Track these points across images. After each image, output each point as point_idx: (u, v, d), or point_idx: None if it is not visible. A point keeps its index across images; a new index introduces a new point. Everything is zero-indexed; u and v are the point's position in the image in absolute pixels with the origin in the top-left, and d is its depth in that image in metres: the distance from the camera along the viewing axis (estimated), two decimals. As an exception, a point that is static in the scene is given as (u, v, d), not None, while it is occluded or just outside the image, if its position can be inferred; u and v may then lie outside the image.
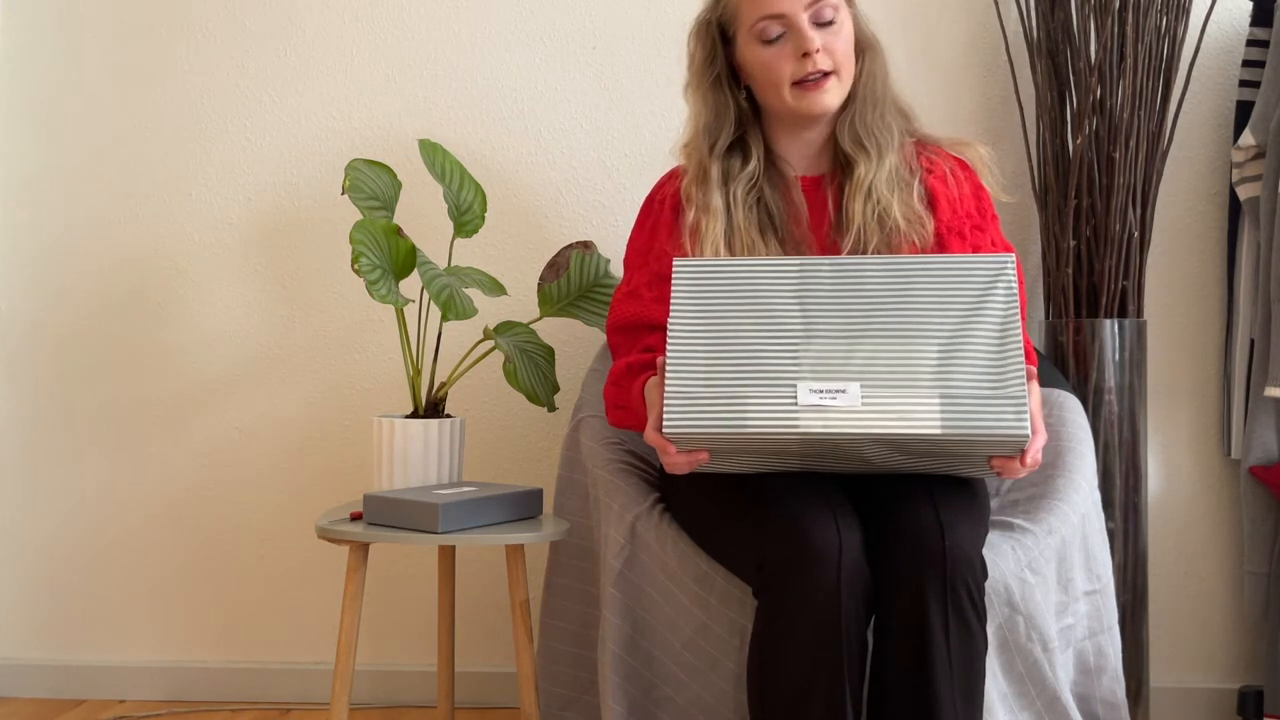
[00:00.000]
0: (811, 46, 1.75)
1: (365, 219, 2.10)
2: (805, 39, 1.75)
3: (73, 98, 2.56)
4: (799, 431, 1.44)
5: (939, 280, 1.52)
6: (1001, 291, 1.51)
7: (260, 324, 2.54)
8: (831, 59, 1.78)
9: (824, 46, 1.77)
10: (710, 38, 1.85)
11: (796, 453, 1.51)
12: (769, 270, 1.56)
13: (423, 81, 2.52)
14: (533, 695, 1.93)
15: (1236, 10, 2.37)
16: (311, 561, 2.52)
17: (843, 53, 1.79)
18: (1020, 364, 1.46)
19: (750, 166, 1.83)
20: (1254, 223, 2.30)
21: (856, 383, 1.46)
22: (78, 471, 2.56)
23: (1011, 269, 1.52)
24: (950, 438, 1.43)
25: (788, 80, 1.78)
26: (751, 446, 1.49)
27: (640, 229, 1.92)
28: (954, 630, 1.50)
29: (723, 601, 1.70)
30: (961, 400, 1.44)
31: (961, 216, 1.83)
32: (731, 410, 1.46)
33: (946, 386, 1.45)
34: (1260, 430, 2.26)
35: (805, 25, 1.76)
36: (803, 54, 1.76)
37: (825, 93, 1.78)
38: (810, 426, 1.44)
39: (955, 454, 1.49)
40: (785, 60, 1.78)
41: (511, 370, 2.12)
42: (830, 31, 1.78)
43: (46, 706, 2.49)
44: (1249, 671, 2.41)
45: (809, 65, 1.76)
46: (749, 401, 1.46)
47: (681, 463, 1.53)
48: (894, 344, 1.49)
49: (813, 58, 1.76)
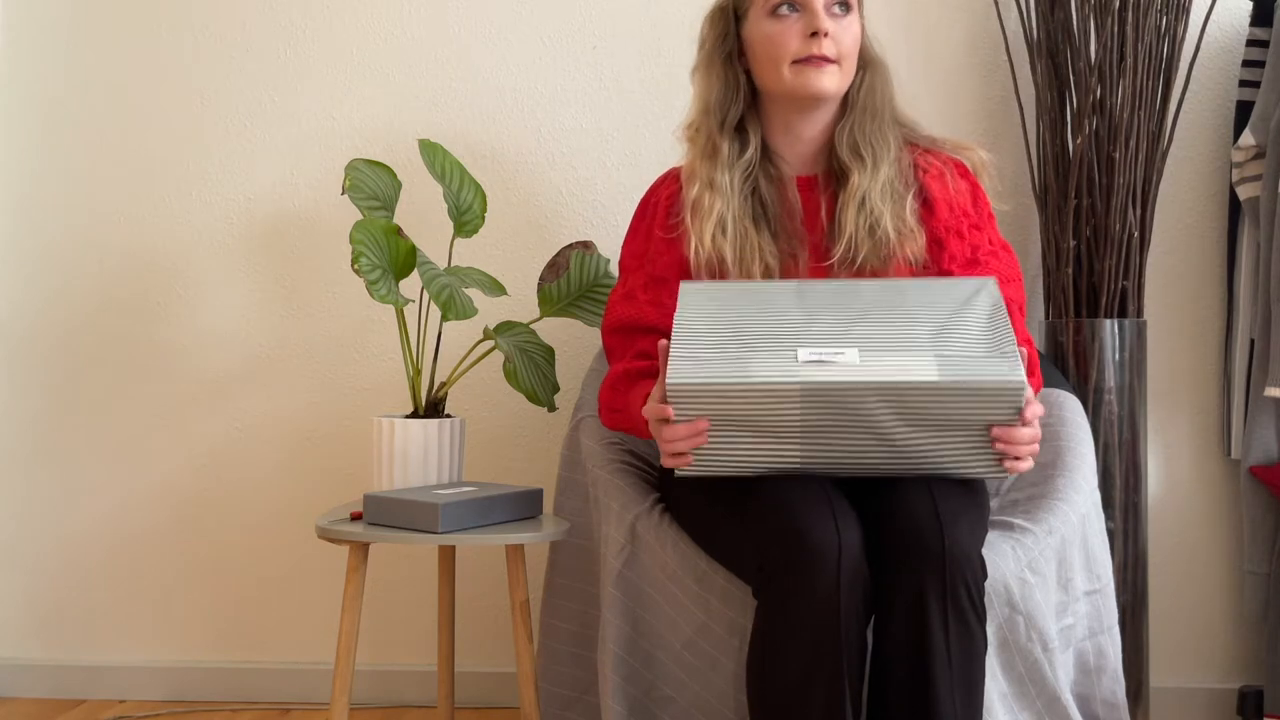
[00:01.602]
0: (822, 27, 1.76)
1: (365, 219, 2.10)
2: (817, 18, 1.77)
3: (73, 98, 2.56)
4: (800, 381, 1.50)
5: (928, 290, 1.65)
6: (986, 296, 1.63)
7: (260, 324, 2.54)
8: (837, 48, 1.78)
9: (833, 34, 1.77)
10: (725, 19, 1.86)
11: (798, 426, 1.52)
12: (770, 288, 1.68)
13: (423, 81, 2.52)
14: (533, 695, 1.93)
15: (1236, 10, 2.37)
16: (311, 561, 2.52)
17: (848, 47, 1.80)
18: (1011, 335, 1.55)
19: (748, 154, 1.84)
20: (1254, 223, 2.30)
21: (855, 349, 1.55)
22: (77, 471, 2.56)
23: (993, 285, 1.64)
24: (947, 384, 1.48)
25: (790, 57, 1.78)
26: (752, 410, 1.51)
27: (635, 232, 1.93)
28: (954, 629, 1.50)
29: (723, 601, 1.70)
30: (956, 358, 1.52)
31: (959, 215, 1.83)
32: (734, 365, 1.53)
33: (941, 350, 1.54)
34: (1260, 430, 2.26)
35: (820, 7, 1.77)
36: (811, 33, 1.77)
37: (824, 74, 1.78)
38: (811, 376, 1.50)
39: (955, 421, 1.51)
40: (792, 36, 1.78)
41: (511, 370, 2.12)
42: (841, 23, 1.79)
43: (46, 706, 2.49)
44: (1249, 671, 2.41)
45: (815, 46, 1.77)
46: (751, 360, 1.54)
47: (681, 435, 1.53)
48: (889, 325, 1.59)
49: (820, 40, 1.77)
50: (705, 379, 1.52)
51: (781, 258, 1.80)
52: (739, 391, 1.51)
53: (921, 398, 1.50)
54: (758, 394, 1.51)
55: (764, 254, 1.79)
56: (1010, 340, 1.55)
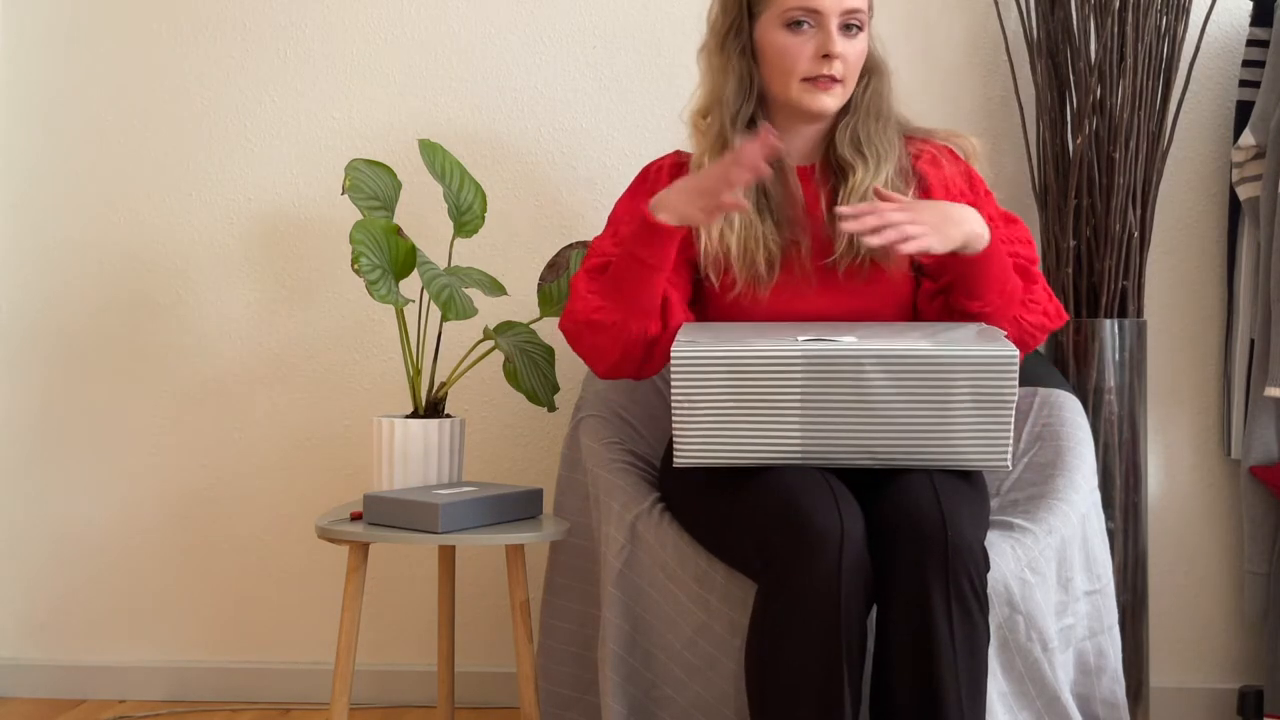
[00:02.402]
0: (835, 50, 1.77)
1: (365, 219, 2.10)
2: (831, 40, 1.77)
3: (73, 98, 2.56)
4: (801, 351, 1.56)
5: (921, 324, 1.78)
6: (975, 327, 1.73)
7: (260, 324, 2.54)
8: (845, 68, 1.80)
9: (842, 54, 1.78)
10: (739, 8, 1.84)
11: (798, 404, 1.55)
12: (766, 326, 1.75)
13: (423, 81, 2.51)
14: (533, 695, 1.93)
15: (1236, 10, 2.37)
16: (311, 561, 2.52)
17: (854, 65, 1.81)
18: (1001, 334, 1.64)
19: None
20: (1254, 223, 2.30)
21: (853, 336, 1.62)
22: (78, 471, 2.56)
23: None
24: (943, 354, 1.55)
25: (800, 74, 1.79)
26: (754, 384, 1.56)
27: (634, 193, 1.92)
28: (957, 618, 1.50)
29: (723, 601, 1.70)
30: (949, 341, 1.59)
31: (955, 196, 1.85)
32: (738, 344, 1.58)
33: (934, 338, 1.61)
34: (1260, 430, 2.26)
35: (834, 28, 1.77)
36: (824, 54, 1.77)
37: (830, 96, 1.81)
38: (810, 348, 1.57)
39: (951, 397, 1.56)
40: (804, 54, 1.79)
41: (511, 370, 2.12)
42: (851, 42, 1.80)
43: (46, 706, 2.49)
44: (1249, 671, 2.41)
45: (825, 67, 1.78)
46: (754, 340, 1.60)
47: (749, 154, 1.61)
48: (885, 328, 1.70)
49: (831, 61, 1.78)
50: (709, 349, 1.56)
51: (784, 245, 1.81)
52: (742, 361, 1.55)
53: (919, 367, 1.54)
54: (760, 364, 1.55)
55: (767, 241, 1.80)
56: (1001, 334, 1.61)
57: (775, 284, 1.79)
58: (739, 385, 1.56)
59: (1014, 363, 1.54)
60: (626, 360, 1.78)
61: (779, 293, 1.80)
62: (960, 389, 1.54)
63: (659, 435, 2.06)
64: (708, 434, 1.58)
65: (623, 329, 1.75)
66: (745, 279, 1.79)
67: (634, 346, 1.76)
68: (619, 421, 2.05)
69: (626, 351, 1.77)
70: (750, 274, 1.79)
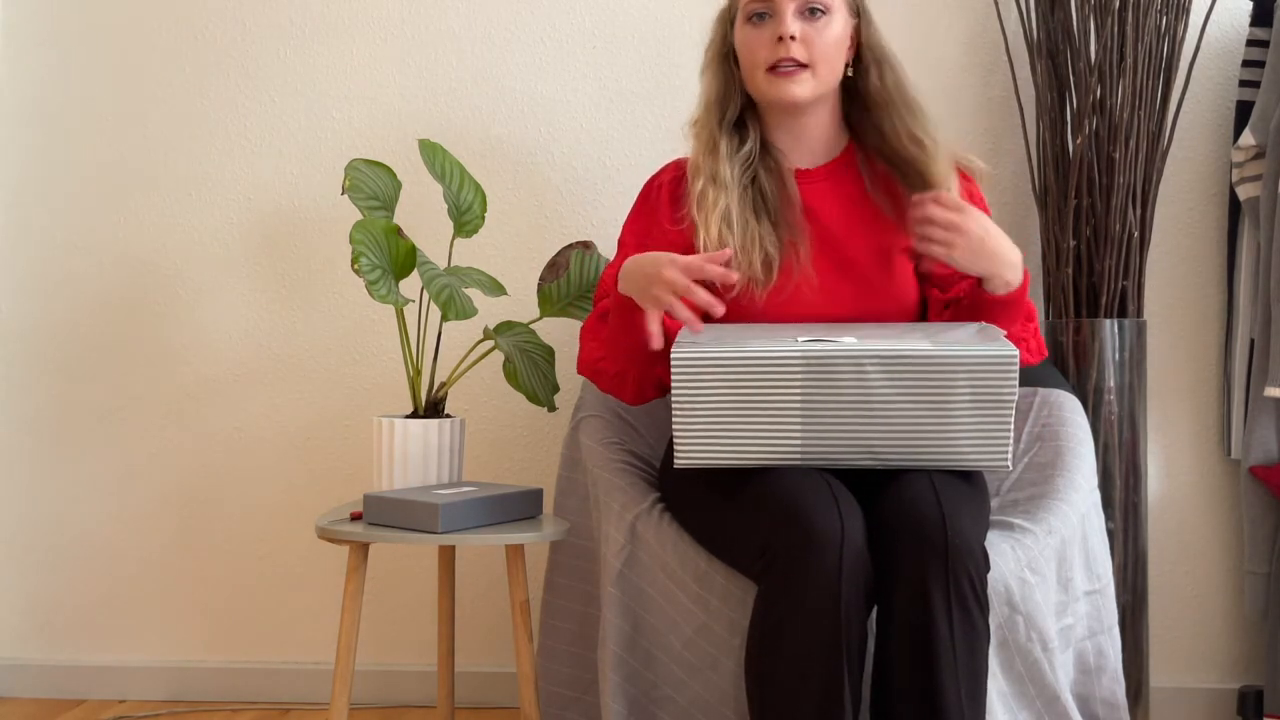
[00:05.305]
0: (786, 32, 1.77)
1: (365, 219, 2.10)
2: (782, 24, 1.78)
3: (72, 99, 2.56)
4: (801, 351, 1.56)
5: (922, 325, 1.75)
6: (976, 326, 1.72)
7: (260, 324, 2.54)
8: (808, 52, 1.79)
9: (803, 38, 1.78)
10: (724, 21, 1.90)
11: (799, 405, 1.55)
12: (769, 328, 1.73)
13: (423, 81, 2.52)
14: (533, 695, 1.93)
15: (1236, 10, 2.37)
16: (311, 561, 2.52)
17: (821, 49, 1.79)
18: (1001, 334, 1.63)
19: (746, 148, 1.86)
20: (1254, 223, 2.30)
21: (853, 337, 1.62)
22: (78, 471, 2.56)
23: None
24: (943, 354, 1.55)
25: (762, 65, 1.80)
26: (754, 385, 1.56)
27: (639, 214, 1.95)
28: (957, 618, 1.50)
29: (723, 601, 1.70)
30: (950, 342, 1.58)
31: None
32: (737, 345, 1.58)
33: (935, 338, 1.60)
34: (1260, 430, 2.26)
35: (786, 12, 1.78)
36: (777, 39, 1.78)
37: (795, 83, 1.80)
38: (810, 348, 1.56)
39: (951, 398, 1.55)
40: (762, 44, 1.80)
41: (511, 370, 2.12)
42: (815, 25, 1.79)
43: (46, 706, 2.49)
44: (1249, 671, 2.41)
45: (781, 51, 1.78)
46: (754, 341, 1.60)
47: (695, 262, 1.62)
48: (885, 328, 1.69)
49: (786, 44, 1.77)
50: (709, 351, 1.57)
51: (783, 247, 1.81)
52: (742, 363, 1.56)
53: (919, 367, 1.54)
54: (760, 365, 1.56)
55: (764, 243, 1.80)
56: (1000, 334, 1.62)
57: (774, 285, 1.80)
58: (739, 386, 1.56)
59: (1014, 363, 1.54)
60: (642, 397, 1.86)
61: (777, 294, 1.80)
62: (960, 389, 1.55)
63: (659, 435, 2.06)
64: (708, 435, 1.59)
65: (625, 377, 1.83)
66: (743, 280, 1.79)
67: (645, 388, 1.85)
68: (619, 421, 2.05)
69: (640, 392, 1.85)
70: (748, 275, 1.79)
